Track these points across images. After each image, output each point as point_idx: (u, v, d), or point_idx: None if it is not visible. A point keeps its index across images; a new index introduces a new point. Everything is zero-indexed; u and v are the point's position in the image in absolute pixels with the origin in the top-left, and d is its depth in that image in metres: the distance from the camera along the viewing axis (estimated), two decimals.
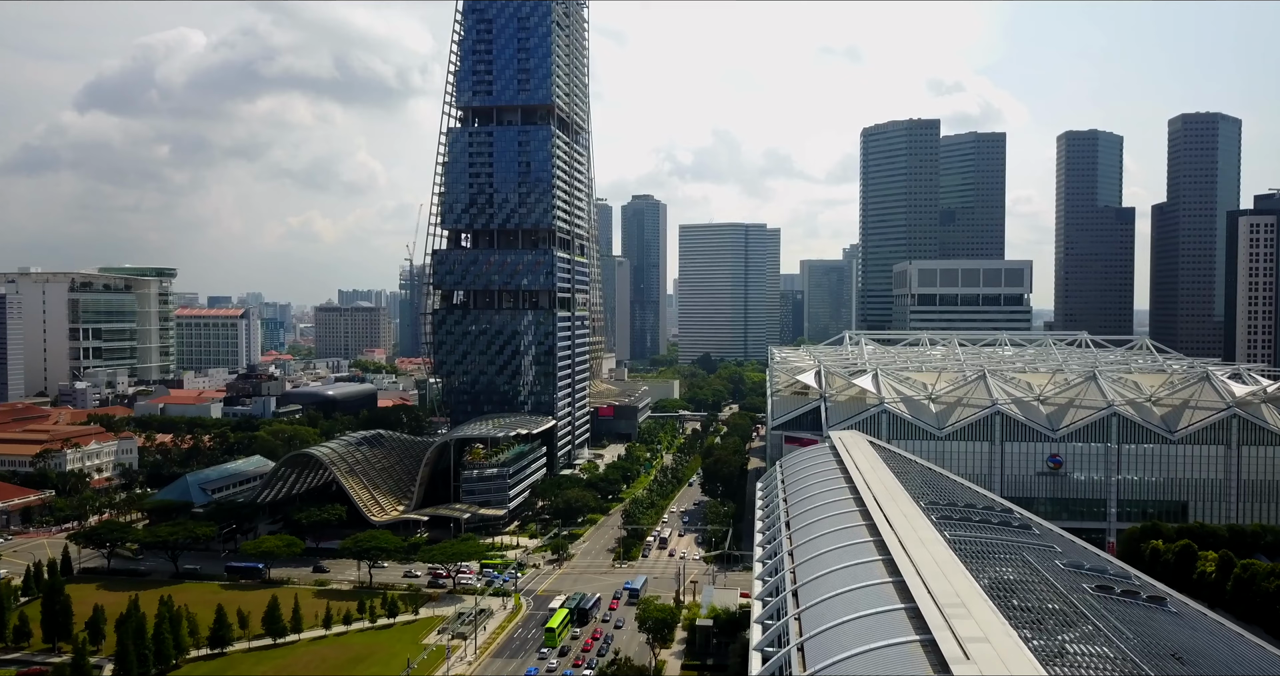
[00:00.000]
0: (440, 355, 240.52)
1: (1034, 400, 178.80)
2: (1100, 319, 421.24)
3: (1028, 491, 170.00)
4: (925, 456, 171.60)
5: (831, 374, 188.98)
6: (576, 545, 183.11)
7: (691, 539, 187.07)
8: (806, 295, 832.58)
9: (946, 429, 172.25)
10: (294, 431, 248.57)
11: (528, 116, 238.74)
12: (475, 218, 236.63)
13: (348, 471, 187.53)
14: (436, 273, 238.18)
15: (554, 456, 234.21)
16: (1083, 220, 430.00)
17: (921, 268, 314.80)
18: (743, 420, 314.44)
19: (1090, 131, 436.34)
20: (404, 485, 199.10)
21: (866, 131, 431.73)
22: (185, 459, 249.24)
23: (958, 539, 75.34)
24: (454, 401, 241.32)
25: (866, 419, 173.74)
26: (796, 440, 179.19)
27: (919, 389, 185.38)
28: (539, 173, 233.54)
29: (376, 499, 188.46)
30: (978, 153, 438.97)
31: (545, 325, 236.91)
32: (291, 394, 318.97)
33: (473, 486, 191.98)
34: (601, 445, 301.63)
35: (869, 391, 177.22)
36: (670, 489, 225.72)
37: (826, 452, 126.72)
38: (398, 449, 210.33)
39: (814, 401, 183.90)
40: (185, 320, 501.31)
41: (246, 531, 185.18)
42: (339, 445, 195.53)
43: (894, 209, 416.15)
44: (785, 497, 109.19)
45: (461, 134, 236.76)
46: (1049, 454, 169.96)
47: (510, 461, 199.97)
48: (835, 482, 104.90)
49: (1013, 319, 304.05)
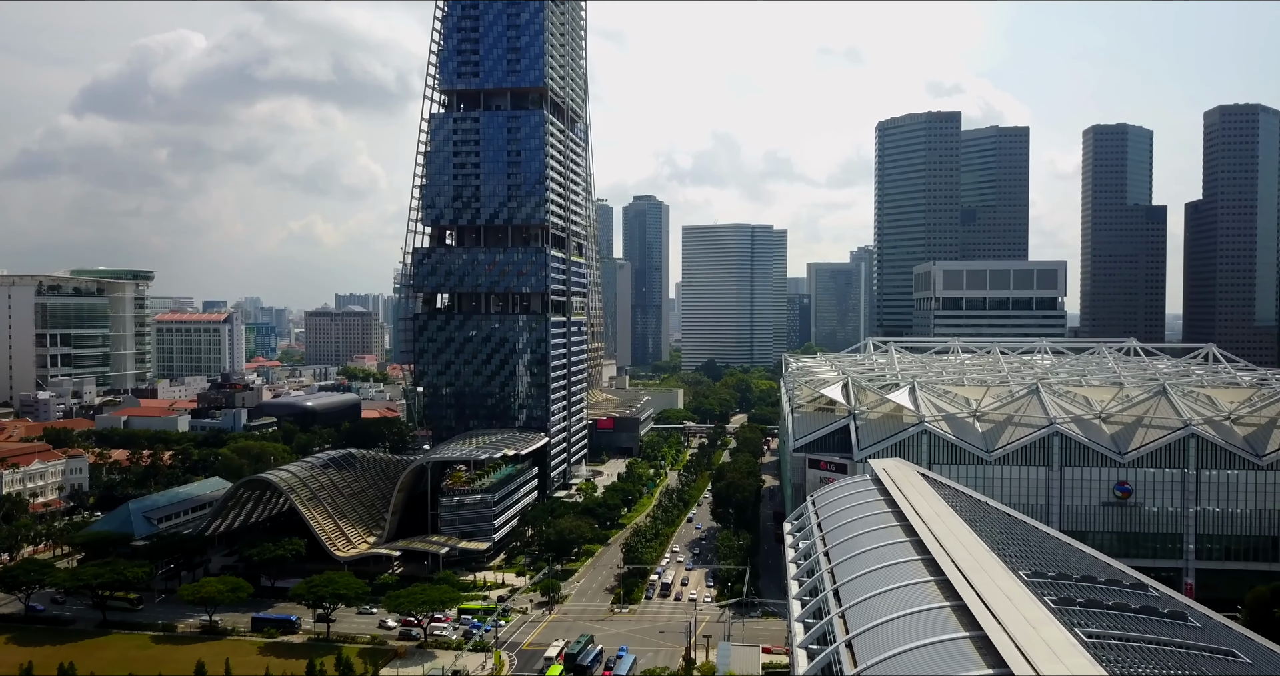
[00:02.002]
0: (422, 364, 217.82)
1: (1095, 418, 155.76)
2: (1129, 324, 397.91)
3: (1091, 524, 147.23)
4: (972, 484, 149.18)
5: (862, 388, 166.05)
6: (570, 583, 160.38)
7: (701, 576, 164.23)
8: (814, 299, 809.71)
9: (996, 452, 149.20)
10: (262, 448, 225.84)
11: (518, 101, 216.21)
12: (460, 212, 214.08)
13: (309, 499, 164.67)
14: (417, 273, 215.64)
15: (547, 477, 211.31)
16: (1111, 219, 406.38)
17: (946, 269, 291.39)
18: (753, 433, 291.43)
19: (1119, 126, 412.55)
20: (377, 512, 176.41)
21: (882, 125, 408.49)
22: (143, 478, 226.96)
23: (1097, 641, 52.50)
24: (437, 416, 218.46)
25: (904, 441, 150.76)
26: (823, 464, 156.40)
27: (961, 405, 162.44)
28: (530, 162, 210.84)
29: (343, 530, 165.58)
30: (999, 148, 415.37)
31: (538, 331, 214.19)
32: (267, 405, 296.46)
33: (452, 515, 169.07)
34: (601, 460, 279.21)
35: (906, 408, 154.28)
36: (676, 514, 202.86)
37: (869, 489, 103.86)
38: (372, 470, 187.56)
39: (842, 419, 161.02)
40: (166, 325, 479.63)
41: (196, 567, 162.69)
42: (301, 468, 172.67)
43: (912, 207, 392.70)
44: (828, 553, 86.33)
45: (445, 120, 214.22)
46: (1116, 481, 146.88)
47: (496, 486, 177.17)
48: (892, 536, 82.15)
49: (1046, 324, 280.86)
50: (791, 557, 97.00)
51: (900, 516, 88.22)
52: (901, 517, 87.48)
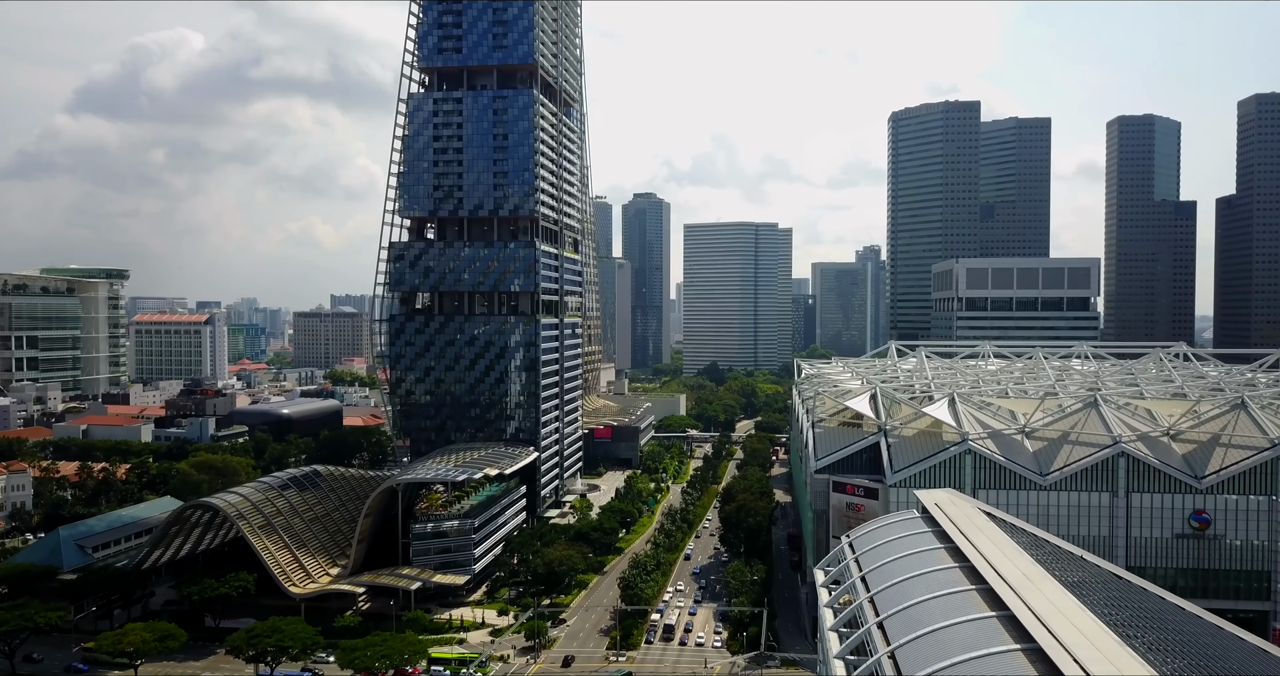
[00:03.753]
0: (399, 371, 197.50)
1: (1164, 436, 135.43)
2: (1156, 325, 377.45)
3: (1162, 559, 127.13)
4: (1024, 512, 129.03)
5: (893, 400, 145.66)
6: (560, 622, 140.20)
7: (709, 615, 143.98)
8: (819, 300, 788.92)
9: (1052, 475, 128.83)
10: (224, 462, 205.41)
11: (505, 80, 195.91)
12: (441, 203, 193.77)
13: (262, 526, 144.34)
14: (394, 270, 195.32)
15: (536, 497, 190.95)
16: (1137, 216, 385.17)
17: (970, 267, 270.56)
18: (760, 444, 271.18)
19: (1146, 117, 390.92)
20: (343, 539, 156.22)
21: (896, 116, 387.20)
22: (94, 496, 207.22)
23: None
24: (415, 427, 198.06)
25: (944, 462, 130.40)
26: (849, 488, 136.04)
27: (1006, 419, 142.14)
28: (519, 147, 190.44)
29: (301, 561, 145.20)
30: (1019, 140, 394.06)
31: (527, 334, 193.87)
32: (239, 413, 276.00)
33: (426, 544, 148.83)
34: (598, 472, 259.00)
35: (946, 424, 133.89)
36: (679, 538, 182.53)
37: (922, 532, 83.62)
38: (340, 490, 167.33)
39: (870, 436, 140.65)
40: (144, 327, 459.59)
41: (136, 603, 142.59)
42: (255, 490, 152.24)
43: (928, 202, 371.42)
44: (882, 625, 66.03)
45: (424, 101, 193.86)
46: (1192, 509, 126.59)
47: (477, 509, 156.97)
48: (972, 607, 62.20)
49: (1077, 326, 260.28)
50: (831, 623, 76.72)
51: (973, 575, 68.54)
52: (977, 578, 67.73)
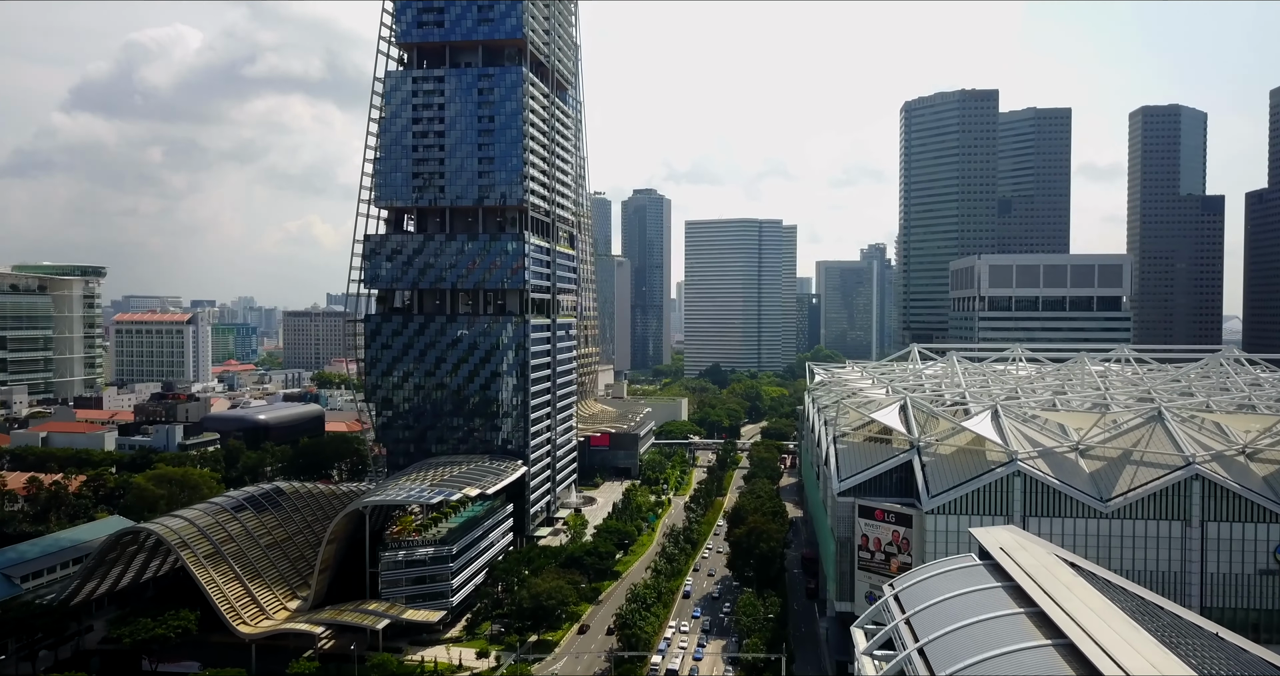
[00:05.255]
0: (374, 376, 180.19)
1: (1239, 455, 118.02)
2: (1180, 326, 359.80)
3: (1242, 599, 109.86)
4: (1081, 543, 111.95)
5: (929, 413, 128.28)
6: (548, 664, 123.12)
7: (716, 656, 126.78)
8: (823, 299, 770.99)
9: (1114, 501, 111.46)
10: (185, 475, 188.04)
11: (492, 57, 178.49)
12: (421, 191, 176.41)
13: (210, 555, 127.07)
14: (369, 266, 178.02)
15: (525, 515, 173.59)
16: (1161, 212, 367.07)
17: (994, 264, 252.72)
18: (768, 452, 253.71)
19: (1171, 107, 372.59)
20: (307, 566, 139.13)
21: (909, 106, 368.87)
22: (44, 512, 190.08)
23: None
24: (393, 438, 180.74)
25: (989, 486, 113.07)
26: (879, 513, 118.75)
27: (1056, 435, 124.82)
28: (506, 130, 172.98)
29: (254, 595, 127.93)
30: (1038, 132, 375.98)
31: (516, 336, 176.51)
32: (212, 419, 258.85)
33: (397, 574, 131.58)
34: (594, 483, 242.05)
35: (990, 441, 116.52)
36: (682, 562, 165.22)
37: (991, 588, 66.41)
38: (305, 509, 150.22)
39: (901, 453, 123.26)
40: (124, 326, 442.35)
41: (68, 640, 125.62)
42: (205, 512, 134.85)
43: (944, 197, 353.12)
44: None
45: (403, 79, 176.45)
46: (1278, 542, 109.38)
47: (456, 533, 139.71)
48: None
49: (1109, 328, 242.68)
50: None
51: (1075, 657, 51.93)
52: (1081, 661, 51.16)
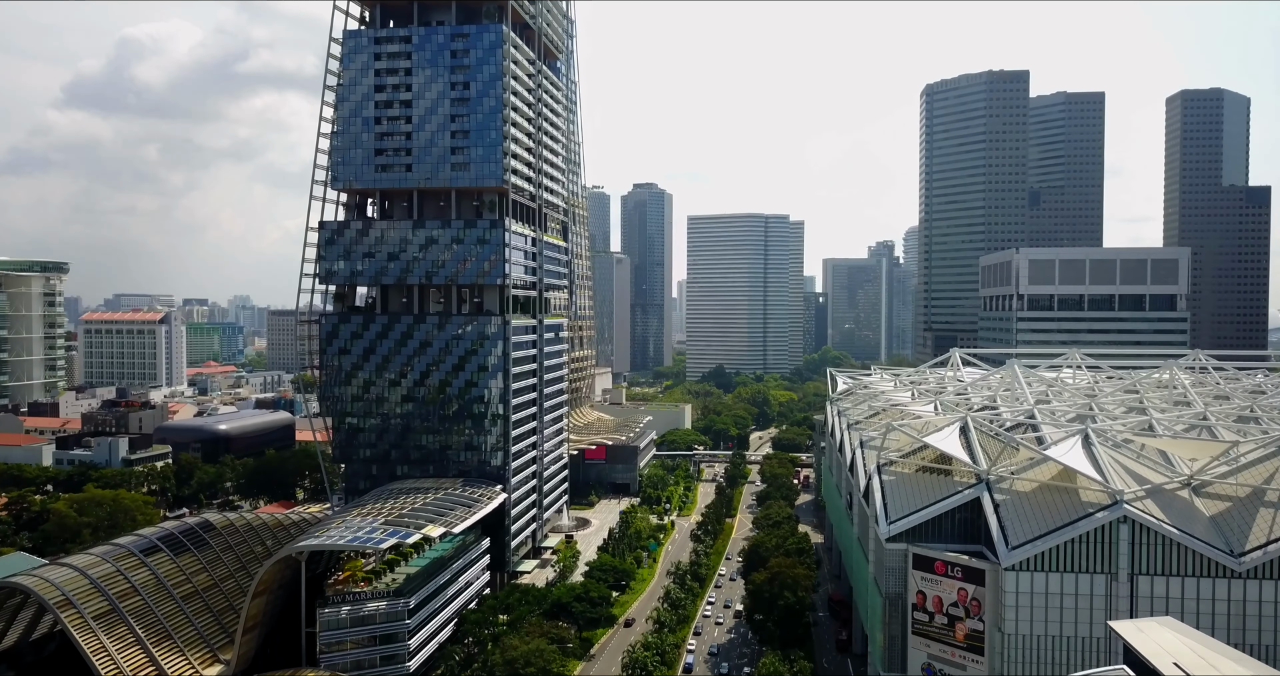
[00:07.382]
0: (332, 385, 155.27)
1: None
2: (1222, 326, 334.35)
3: None
4: (1209, 610, 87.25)
5: (996, 437, 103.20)
6: None
7: None
8: (830, 298, 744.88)
9: (1250, 556, 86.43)
10: (116, 498, 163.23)
11: (468, 14, 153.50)
12: (384, 171, 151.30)
13: (103, 614, 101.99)
14: (325, 258, 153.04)
15: (505, 548, 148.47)
16: (1202, 204, 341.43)
17: (1034, 258, 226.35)
18: (781, 468, 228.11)
19: (1213, 91, 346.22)
20: (237, 618, 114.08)
21: (931, 89, 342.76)
22: None
23: None
24: (352, 459, 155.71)
25: (1087, 535, 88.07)
26: (939, 566, 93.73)
27: (1158, 465, 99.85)
28: (483, 98, 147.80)
29: (159, 662, 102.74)
30: (1068, 118, 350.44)
31: (494, 339, 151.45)
32: (167, 429, 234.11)
33: (339, 636, 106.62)
34: (589, 501, 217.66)
35: (1088, 478, 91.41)
36: (688, 604, 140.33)
37: None
38: (242, 544, 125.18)
39: (966, 488, 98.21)
40: (94, 326, 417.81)
41: None
42: (102, 558, 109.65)
43: (969, 187, 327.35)
44: None
45: (363, 40, 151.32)
46: None
47: (415, 581, 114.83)
48: None
49: (1163, 330, 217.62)
50: None
51: None
52: None
